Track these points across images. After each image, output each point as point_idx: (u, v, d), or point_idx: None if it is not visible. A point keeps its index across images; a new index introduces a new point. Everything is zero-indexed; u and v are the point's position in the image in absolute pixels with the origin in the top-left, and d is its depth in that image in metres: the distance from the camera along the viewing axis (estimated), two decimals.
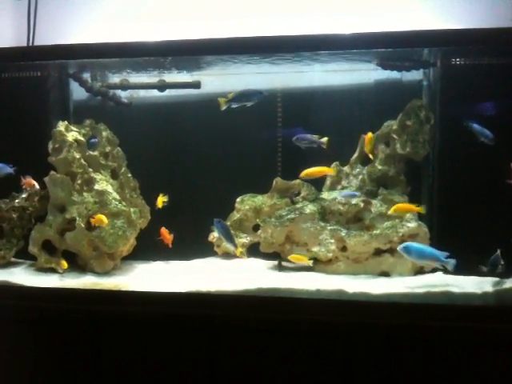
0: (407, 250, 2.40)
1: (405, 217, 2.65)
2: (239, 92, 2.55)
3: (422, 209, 2.59)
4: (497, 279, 2.41)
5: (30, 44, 3.04)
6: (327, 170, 2.76)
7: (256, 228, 3.00)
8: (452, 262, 2.33)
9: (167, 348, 2.40)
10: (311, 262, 2.63)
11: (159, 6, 3.00)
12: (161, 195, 2.83)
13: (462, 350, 2.20)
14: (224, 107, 2.54)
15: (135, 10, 3.03)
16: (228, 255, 3.00)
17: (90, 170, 2.84)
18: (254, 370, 2.34)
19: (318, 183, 2.91)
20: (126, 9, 3.03)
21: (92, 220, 2.67)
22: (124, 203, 2.82)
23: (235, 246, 2.61)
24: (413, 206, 2.59)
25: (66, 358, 2.47)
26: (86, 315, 2.45)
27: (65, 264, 2.74)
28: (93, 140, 2.94)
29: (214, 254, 3.03)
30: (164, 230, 2.77)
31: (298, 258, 2.64)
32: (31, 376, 2.52)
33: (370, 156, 2.73)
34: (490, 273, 2.38)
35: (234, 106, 2.55)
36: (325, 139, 2.67)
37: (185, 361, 2.39)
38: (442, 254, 2.36)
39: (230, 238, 2.61)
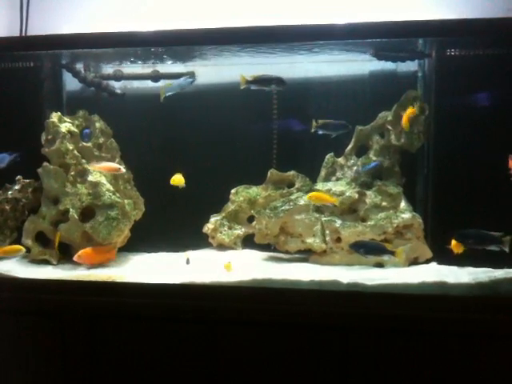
0: None
1: (399, 208, 2.65)
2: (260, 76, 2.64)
3: (336, 200, 2.64)
4: (491, 269, 2.41)
5: (23, 34, 3.01)
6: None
7: (251, 219, 3.00)
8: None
9: (161, 339, 2.40)
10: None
11: None
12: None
13: (456, 340, 2.20)
14: (243, 87, 2.62)
15: None
16: (222, 247, 3.00)
17: (84, 161, 2.83)
18: (249, 360, 2.35)
19: (312, 174, 2.90)
20: None
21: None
22: (118, 195, 2.81)
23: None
24: (329, 197, 2.64)
25: (60, 349, 2.47)
26: (80, 307, 2.45)
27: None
28: (86, 131, 2.92)
29: (208, 245, 3.03)
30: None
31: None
32: (25, 367, 2.52)
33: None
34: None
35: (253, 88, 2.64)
36: None
37: (179, 351, 2.39)
38: None
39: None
